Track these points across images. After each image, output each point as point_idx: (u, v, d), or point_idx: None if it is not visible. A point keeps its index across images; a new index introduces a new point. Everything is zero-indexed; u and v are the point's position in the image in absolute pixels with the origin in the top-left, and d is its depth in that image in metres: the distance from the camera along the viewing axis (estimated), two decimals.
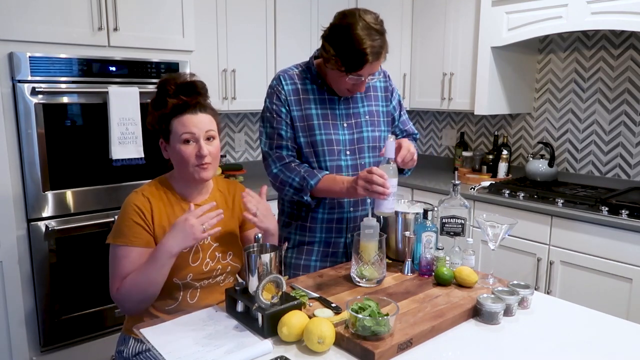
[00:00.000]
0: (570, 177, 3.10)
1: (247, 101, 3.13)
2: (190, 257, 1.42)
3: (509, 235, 1.50)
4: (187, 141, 1.40)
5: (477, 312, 1.32)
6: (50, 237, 2.28)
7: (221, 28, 2.97)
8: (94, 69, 2.33)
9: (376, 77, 1.67)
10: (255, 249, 1.32)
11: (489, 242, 1.49)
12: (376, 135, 1.72)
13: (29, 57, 2.15)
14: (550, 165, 3.03)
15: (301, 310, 1.24)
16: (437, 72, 3.43)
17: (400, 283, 1.49)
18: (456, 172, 1.91)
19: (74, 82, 2.28)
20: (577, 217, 2.45)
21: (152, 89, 2.39)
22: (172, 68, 2.55)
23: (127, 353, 1.42)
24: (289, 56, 3.13)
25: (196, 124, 1.40)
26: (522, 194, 2.76)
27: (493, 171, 3.30)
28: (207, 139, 1.43)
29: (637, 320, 1.40)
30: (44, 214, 2.27)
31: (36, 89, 2.17)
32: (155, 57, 2.51)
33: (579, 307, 1.41)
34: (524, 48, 3.13)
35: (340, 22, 1.50)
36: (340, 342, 1.16)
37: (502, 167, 3.23)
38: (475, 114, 3.20)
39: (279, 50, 3.21)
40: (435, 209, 1.62)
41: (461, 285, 1.46)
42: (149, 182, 1.50)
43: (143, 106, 2.39)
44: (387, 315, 1.14)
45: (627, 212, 2.34)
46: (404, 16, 3.54)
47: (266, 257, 1.25)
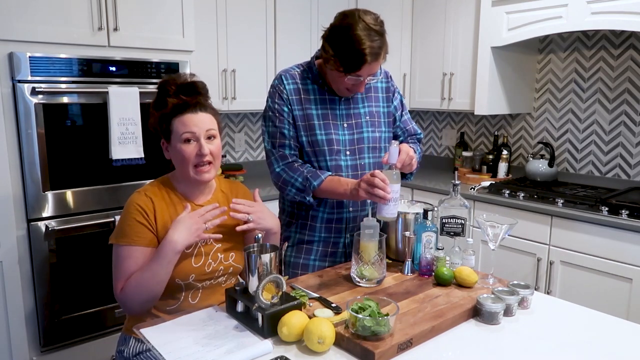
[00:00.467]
0: (570, 177, 3.10)
1: (247, 101, 3.13)
2: (192, 257, 1.42)
3: (509, 235, 1.51)
4: (187, 140, 1.40)
5: (477, 312, 1.32)
6: (50, 237, 2.28)
7: (221, 28, 2.97)
8: (94, 69, 2.33)
9: (377, 77, 1.68)
10: (255, 249, 1.32)
11: (489, 242, 1.49)
12: (376, 135, 1.72)
13: (29, 57, 2.15)
14: (550, 165, 3.03)
15: (301, 310, 1.24)
16: (437, 72, 3.43)
17: (400, 283, 1.49)
18: (456, 172, 1.91)
19: (74, 82, 2.28)
20: (577, 217, 2.45)
21: (152, 89, 2.40)
22: (172, 68, 2.55)
23: (128, 353, 1.42)
24: (289, 56, 3.14)
25: (197, 123, 1.40)
26: (522, 194, 2.76)
27: (493, 171, 3.30)
28: (208, 138, 1.43)
29: (637, 320, 1.40)
30: (44, 214, 2.27)
31: (36, 89, 2.17)
32: (155, 57, 2.51)
33: (579, 307, 1.41)
34: (524, 48, 3.13)
35: (340, 23, 1.51)
36: (340, 342, 1.16)
37: (502, 167, 3.23)
38: (475, 114, 3.20)
39: (279, 51, 3.21)
40: (435, 209, 1.62)
41: (461, 285, 1.46)
42: (151, 182, 1.50)
43: (143, 106, 2.39)
44: (387, 315, 1.14)
45: (627, 212, 2.34)
46: (404, 16, 3.54)
47: (266, 257, 1.25)
